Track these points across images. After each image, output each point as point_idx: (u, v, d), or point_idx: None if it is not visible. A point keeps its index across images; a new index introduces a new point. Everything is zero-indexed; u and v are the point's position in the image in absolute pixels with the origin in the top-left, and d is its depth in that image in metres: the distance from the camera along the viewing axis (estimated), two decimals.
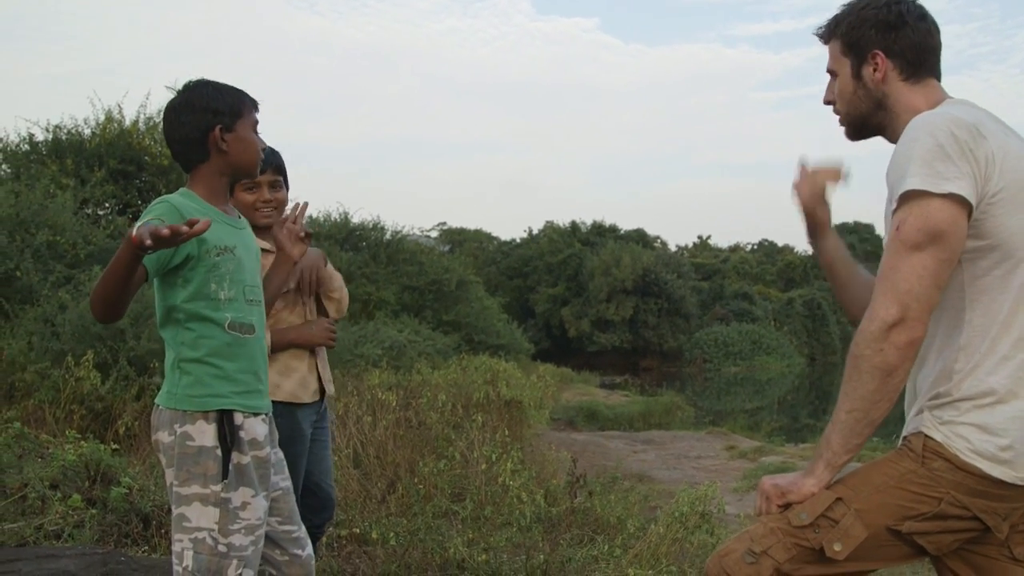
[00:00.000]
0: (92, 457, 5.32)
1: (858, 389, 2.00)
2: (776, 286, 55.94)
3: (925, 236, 1.96)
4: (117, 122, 14.57)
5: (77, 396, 7.30)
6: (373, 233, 26.11)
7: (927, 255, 1.96)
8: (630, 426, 17.65)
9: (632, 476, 9.94)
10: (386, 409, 7.72)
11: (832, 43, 2.32)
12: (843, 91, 2.30)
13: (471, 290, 28.01)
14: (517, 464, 6.33)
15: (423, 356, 17.95)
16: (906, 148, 2.03)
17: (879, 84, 2.24)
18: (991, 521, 2.00)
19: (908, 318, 1.95)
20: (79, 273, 9.70)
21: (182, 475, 2.48)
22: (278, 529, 2.72)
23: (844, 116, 2.32)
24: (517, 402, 10.93)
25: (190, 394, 2.51)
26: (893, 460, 2.07)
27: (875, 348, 1.97)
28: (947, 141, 1.97)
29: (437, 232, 49.12)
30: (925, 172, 1.97)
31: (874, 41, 2.23)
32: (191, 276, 2.50)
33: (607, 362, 42.76)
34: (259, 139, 2.68)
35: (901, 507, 2.00)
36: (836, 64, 2.31)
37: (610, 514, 5.94)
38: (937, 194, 1.95)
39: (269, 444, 2.64)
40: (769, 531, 2.06)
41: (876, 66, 2.23)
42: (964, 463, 1.97)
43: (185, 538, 2.47)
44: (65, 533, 4.71)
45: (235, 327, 2.55)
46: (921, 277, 1.96)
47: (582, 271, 46.48)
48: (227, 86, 2.65)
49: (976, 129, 2.00)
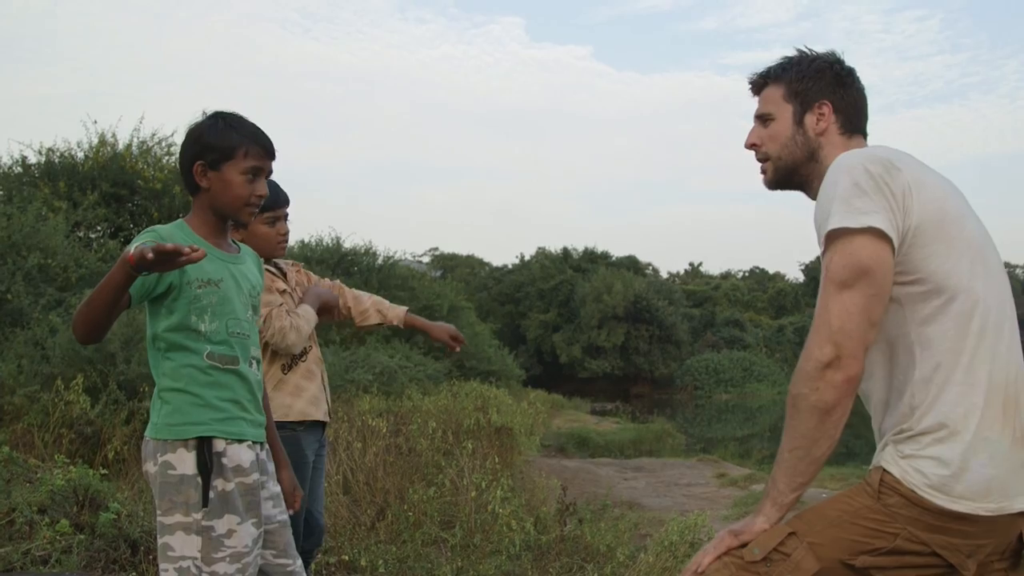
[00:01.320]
0: (81, 482, 5.30)
1: (798, 428, 2.01)
2: (767, 313, 56.01)
3: (851, 273, 1.98)
4: (110, 145, 14.59)
5: (66, 420, 7.27)
6: (365, 258, 26.09)
7: (856, 292, 1.98)
8: (621, 453, 17.61)
9: (622, 503, 9.91)
10: (376, 435, 7.71)
11: (772, 88, 2.36)
12: (779, 135, 2.33)
13: (462, 316, 27.97)
14: (507, 491, 6.32)
15: (414, 382, 17.92)
16: (827, 192, 2.07)
17: (818, 135, 2.29)
18: (953, 558, 1.98)
19: (843, 356, 1.96)
20: (70, 296, 9.70)
21: (164, 504, 2.47)
22: (273, 563, 2.70)
23: (775, 160, 2.35)
24: (507, 429, 10.91)
25: (169, 423, 2.50)
26: (850, 496, 2.06)
27: (811, 387, 1.98)
28: (862, 178, 2.01)
29: (429, 257, 49.18)
30: (844, 210, 2.00)
31: (824, 92, 2.29)
32: (174, 307, 2.51)
33: (598, 388, 42.70)
34: (254, 187, 2.62)
35: (855, 542, 1.99)
36: (775, 108, 2.34)
37: (600, 542, 5.93)
38: (857, 229, 1.98)
39: (257, 472, 2.62)
40: (723, 565, 2.07)
41: (821, 116, 2.29)
42: (920, 499, 1.96)
43: (171, 567, 2.46)
44: (53, 559, 4.69)
45: (214, 358, 2.55)
46: (852, 314, 1.98)
47: (573, 297, 46.48)
48: (241, 124, 2.64)
49: (890, 162, 2.04)
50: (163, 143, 15.19)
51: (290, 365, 3.60)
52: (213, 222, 2.65)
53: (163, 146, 15.16)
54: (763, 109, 2.36)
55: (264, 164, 2.65)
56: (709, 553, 2.10)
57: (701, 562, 2.09)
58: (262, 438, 2.70)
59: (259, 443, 2.67)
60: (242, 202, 2.61)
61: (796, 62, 2.34)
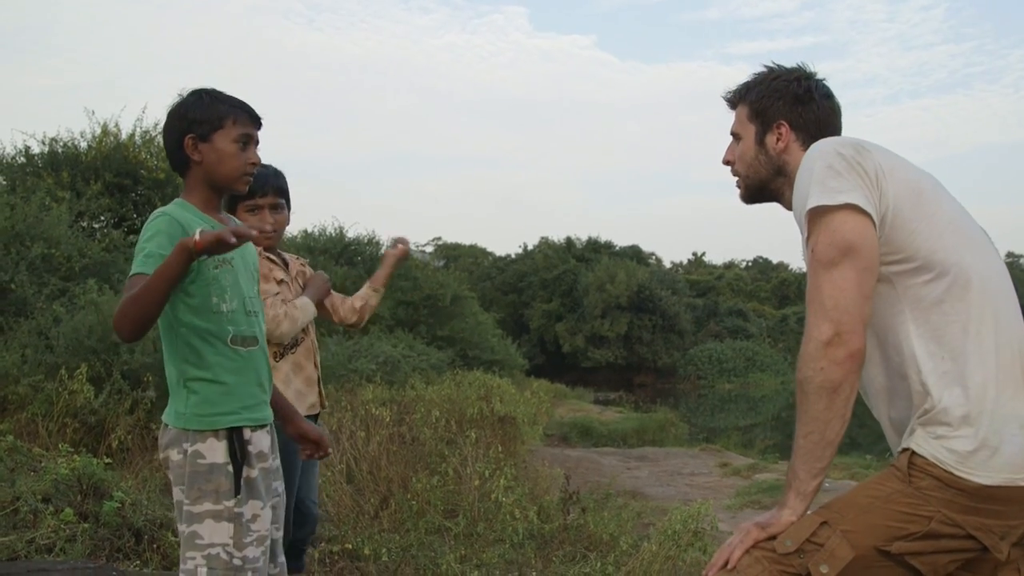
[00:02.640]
0: (85, 471, 5.30)
1: (809, 411, 2.01)
2: (770, 303, 56.03)
3: (837, 250, 2.01)
4: (113, 135, 14.56)
5: (70, 409, 7.28)
6: (368, 248, 26.09)
7: (845, 268, 2.00)
8: (624, 442, 17.61)
9: (625, 493, 9.92)
10: (379, 425, 7.72)
11: (740, 108, 2.41)
12: (745, 155, 2.39)
13: (466, 305, 28.00)
14: (510, 480, 6.33)
15: (417, 371, 17.94)
16: (803, 178, 2.11)
17: (780, 153, 2.33)
18: (987, 540, 1.96)
19: (842, 332, 1.97)
20: (74, 286, 9.69)
21: (193, 493, 2.47)
22: (276, 536, 2.73)
23: (743, 179, 2.42)
24: (511, 418, 10.93)
25: (198, 413, 2.50)
26: (879, 481, 2.06)
27: (816, 368, 1.99)
28: (834, 160, 2.05)
29: (432, 247, 49.14)
30: (820, 191, 2.04)
31: (781, 112, 2.33)
32: (193, 291, 2.50)
33: (601, 378, 42.75)
34: (247, 154, 2.64)
35: (889, 527, 1.98)
36: (741, 128, 2.40)
37: (603, 531, 5.94)
38: (835, 207, 2.01)
39: (271, 454, 2.66)
40: (755, 560, 2.05)
41: (780, 136, 2.33)
42: (955, 479, 1.95)
43: (198, 555, 2.47)
44: (57, 547, 4.70)
45: (237, 341, 2.56)
46: (844, 290, 1.99)
47: (577, 287, 46.51)
48: (223, 97, 2.66)
49: (860, 145, 2.09)
50: None
51: (280, 354, 3.55)
52: (209, 197, 2.66)
53: None
54: (733, 128, 2.43)
55: (252, 131, 2.67)
56: (737, 548, 2.08)
57: (731, 557, 2.08)
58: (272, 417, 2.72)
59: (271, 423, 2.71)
60: (238, 171, 2.63)
61: (758, 82, 2.39)
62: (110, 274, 10.59)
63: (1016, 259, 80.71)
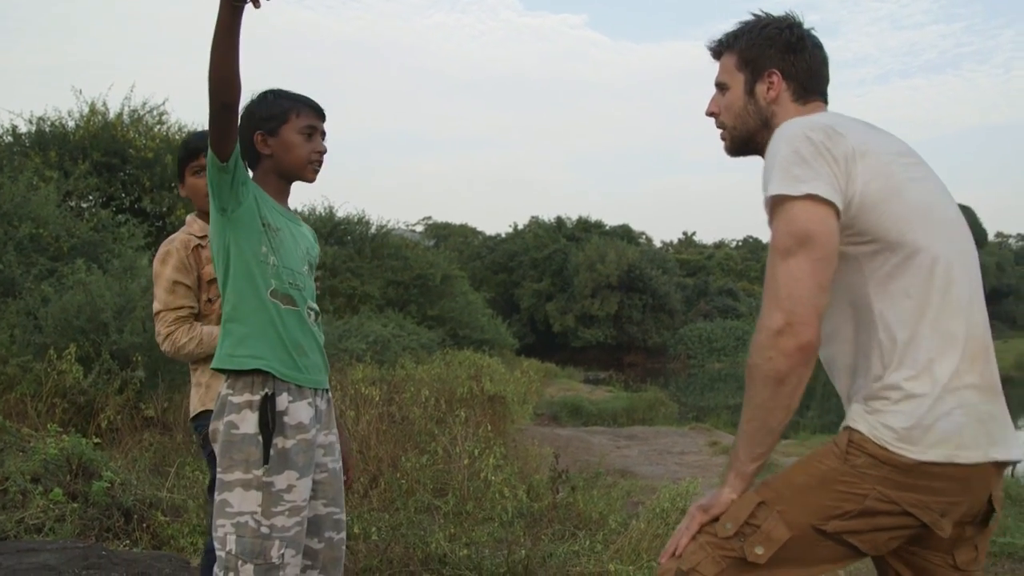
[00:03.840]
0: (74, 451, 5.31)
1: (754, 399, 2.00)
2: (760, 282, 56.00)
3: (794, 240, 1.97)
4: (101, 114, 14.50)
5: (59, 389, 7.27)
6: (358, 227, 26.08)
7: (800, 258, 1.97)
8: (614, 421, 17.63)
9: (615, 471, 9.94)
10: (369, 404, 7.73)
11: (726, 57, 2.34)
12: (733, 105, 2.32)
13: (456, 285, 28.02)
14: (500, 459, 6.35)
15: (407, 351, 17.96)
16: (769, 159, 2.07)
17: (770, 103, 2.27)
18: (925, 516, 1.96)
19: (793, 323, 1.94)
20: (62, 266, 9.65)
21: (225, 462, 2.56)
22: (323, 512, 2.78)
23: (730, 130, 2.34)
24: (501, 397, 10.95)
25: (231, 354, 2.61)
26: (817, 458, 2.05)
27: (764, 357, 1.97)
28: (801, 145, 2.00)
29: (422, 226, 49.23)
30: (782, 177, 2.00)
31: (773, 61, 2.26)
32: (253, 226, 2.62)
33: (591, 357, 42.82)
34: (313, 144, 2.80)
35: (825, 506, 1.98)
36: (729, 78, 2.32)
37: (592, 509, 5.97)
38: (797, 197, 1.98)
39: (315, 426, 2.71)
40: (698, 546, 2.06)
41: (771, 85, 2.26)
42: (889, 455, 1.94)
43: (227, 523, 2.54)
44: (46, 527, 4.70)
45: (277, 296, 2.65)
46: (799, 280, 1.96)
47: (567, 266, 46.52)
48: (286, 93, 2.83)
49: (832, 128, 2.02)
50: (154, 112, 15.11)
51: None
52: (277, 184, 2.81)
53: (154, 115, 15.09)
54: (719, 78, 2.35)
55: (317, 122, 2.83)
56: (684, 534, 2.09)
57: (679, 544, 2.08)
58: (324, 384, 2.79)
59: (321, 390, 2.77)
60: (304, 159, 2.79)
61: (747, 29, 2.31)
62: (98, 254, 10.55)
63: (1005, 239, 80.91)
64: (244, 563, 2.51)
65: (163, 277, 3.21)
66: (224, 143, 2.46)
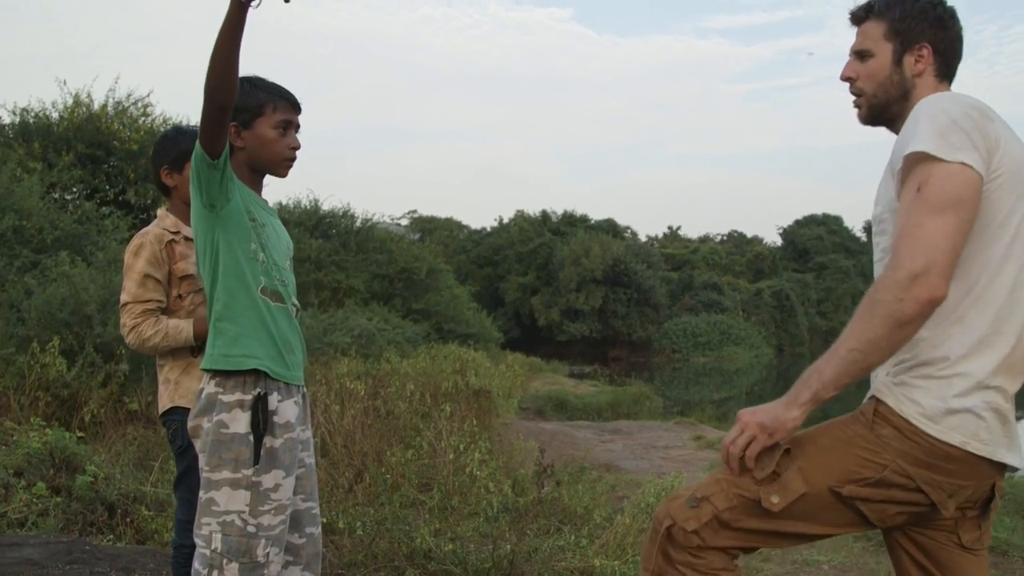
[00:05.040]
0: (57, 445, 5.29)
1: (867, 332, 1.99)
2: (745, 277, 56.24)
3: (950, 198, 1.98)
4: (85, 106, 14.42)
5: (42, 383, 7.23)
6: (343, 221, 26.02)
7: (951, 216, 1.98)
8: (598, 416, 17.62)
9: (600, 466, 9.94)
10: (354, 398, 7.72)
11: (872, 24, 2.31)
12: (876, 73, 2.30)
13: (441, 279, 27.99)
14: (485, 454, 6.34)
15: (392, 345, 17.94)
16: (920, 122, 2.06)
17: (916, 76, 2.26)
18: (935, 495, 2.01)
19: (932, 273, 1.94)
20: (45, 258, 9.60)
21: (214, 461, 2.54)
22: (301, 507, 2.78)
23: (869, 97, 2.32)
24: (486, 392, 10.95)
25: (224, 354, 2.57)
26: (844, 424, 2.10)
27: (895, 295, 1.96)
28: (960, 117, 2.02)
29: (407, 220, 49.12)
30: (939, 140, 2.00)
31: (926, 34, 2.26)
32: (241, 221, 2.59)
33: (576, 351, 42.89)
34: (287, 140, 2.74)
35: (845, 469, 2.03)
36: (874, 45, 2.30)
37: (577, 504, 5.97)
38: (951, 161, 1.99)
39: (301, 425, 2.71)
40: (715, 480, 2.12)
41: (920, 58, 2.26)
42: (913, 429, 1.99)
43: (213, 521, 2.52)
44: (29, 521, 4.68)
45: (267, 292, 2.63)
46: (947, 235, 1.97)
47: (552, 260, 46.56)
48: (264, 84, 2.75)
49: (986, 111, 2.06)
50: (139, 103, 15.03)
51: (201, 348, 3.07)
52: (250, 177, 2.75)
53: (139, 107, 15.00)
54: (862, 45, 2.33)
55: (292, 117, 2.76)
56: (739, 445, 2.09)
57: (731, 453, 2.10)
58: (302, 380, 2.77)
59: (300, 386, 2.75)
60: (279, 156, 2.74)
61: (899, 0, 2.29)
62: (82, 246, 10.49)
63: None
64: (229, 562, 2.50)
65: (135, 270, 3.18)
66: (217, 142, 2.43)
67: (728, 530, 2.09)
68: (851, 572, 5.44)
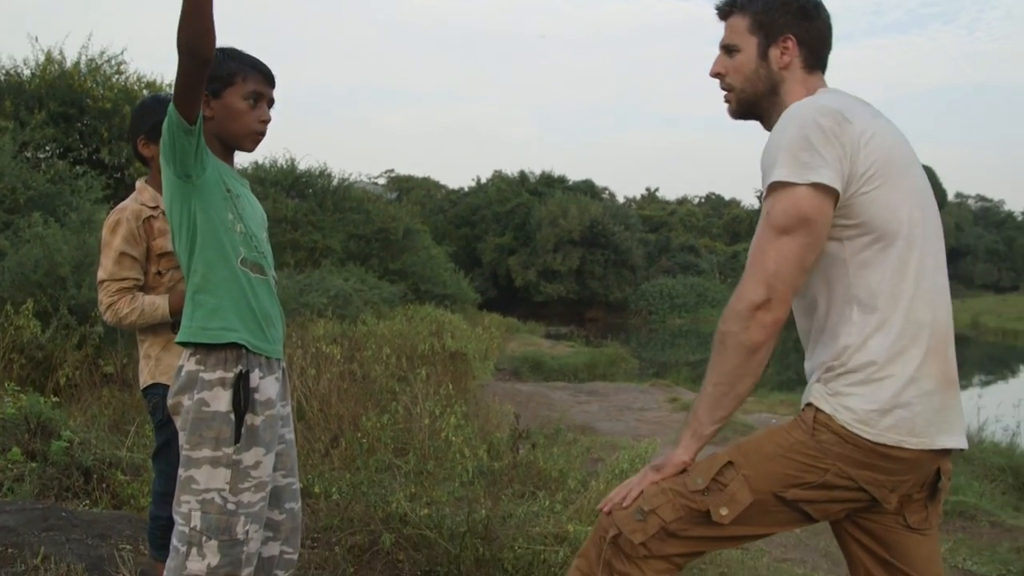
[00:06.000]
0: (32, 410, 5.27)
1: (724, 364, 2.09)
2: (722, 240, 56.46)
3: (792, 221, 2.04)
4: (58, 63, 14.24)
5: (16, 345, 7.19)
6: (320, 180, 25.90)
7: (793, 240, 2.04)
8: (575, 377, 17.72)
9: (575, 427, 10.00)
10: (330, 362, 7.72)
11: (737, 18, 2.32)
12: (743, 68, 2.31)
13: (418, 239, 27.95)
14: (460, 419, 6.36)
15: (369, 305, 17.93)
16: (776, 138, 2.10)
17: (782, 68, 2.27)
18: (877, 493, 2.08)
19: (774, 299, 2.04)
20: (18, 219, 9.51)
21: (194, 439, 2.51)
22: (282, 483, 2.77)
23: (738, 92, 2.33)
24: (462, 354, 10.97)
25: (203, 327, 2.53)
26: (785, 431, 2.14)
27: (741, 326, 2.06)
28: (811, 131, 2.04)
29: (385, 180, 49.01)
30: (791, 163, 2.04)
31: (790, 26, 2.26)
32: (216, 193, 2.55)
33: (553, 312, 42.96)
34: (258, 112, 2.67)
35: (788, 475, 2.08)
36: (740, 40, 2.31)
37: (552, 468, 6.00)
38: (800, 184, 2.03)
39: (280, 400, 2.70)
40: (661, 491, 2.14)
41: (785, 50, 2.27)
42: (851, 435, 2.04)
43: (192, 499, 2.51)
44: (5, 487, 4.68)
45: (247, 264, 2.60)
46: (788, 260, 2.04)
47: (530, 221, 46.48)
48: (236, 54, 2.67)
49: (841, 114, 2.06)
50: (112, 61, 14.85)
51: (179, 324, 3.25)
52: (219, 149, 2.67)
53: (112, 64, 14.82)
54: (728, 39, 2.33)
55: (265, 90, 2.69)
56: (634, 488, 2.17)
57: (628, 495, 2.16)
58: (282, 354, 2.75)
59: (280, 361, 2.73)
60: (247, 128, 2.67)
61: None
62: (56, 206, 10.39)
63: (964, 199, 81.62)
64: (209, 539, 2.50)
65: (111, 247, 3.16)
66: (194, 104, 2.37)
67: (675, 539, 2.13)
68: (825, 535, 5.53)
